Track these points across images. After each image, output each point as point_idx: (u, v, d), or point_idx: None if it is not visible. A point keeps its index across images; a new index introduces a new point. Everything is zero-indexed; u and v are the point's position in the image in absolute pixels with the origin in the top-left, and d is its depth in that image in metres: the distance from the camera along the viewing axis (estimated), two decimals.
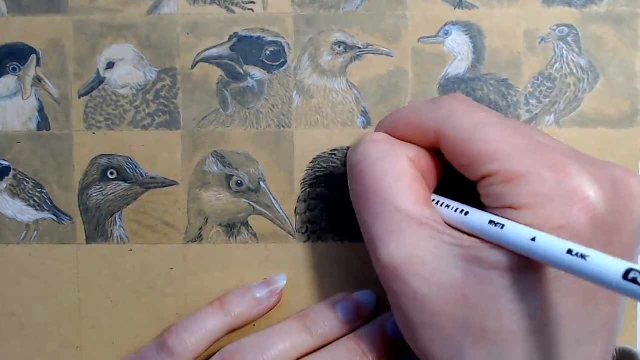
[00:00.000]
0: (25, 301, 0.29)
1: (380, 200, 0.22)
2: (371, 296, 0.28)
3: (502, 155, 0.21)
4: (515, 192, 0.20)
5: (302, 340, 0.26)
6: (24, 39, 0.28)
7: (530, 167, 0.20)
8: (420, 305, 0.21)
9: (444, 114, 0.22)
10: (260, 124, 0.28)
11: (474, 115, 0.22)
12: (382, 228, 0.22)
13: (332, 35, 0.28)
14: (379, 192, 0.22)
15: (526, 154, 0.21)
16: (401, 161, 0.23)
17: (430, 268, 0.21)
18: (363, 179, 0.23)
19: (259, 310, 0.27)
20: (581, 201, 0.20)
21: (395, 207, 0.22)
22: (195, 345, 0.26)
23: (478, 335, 0.20)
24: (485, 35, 0.28)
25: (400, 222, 0.22)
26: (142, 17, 0.28)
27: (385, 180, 0.22)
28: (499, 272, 0.20)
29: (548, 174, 0.20)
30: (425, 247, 0.21)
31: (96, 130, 0.28)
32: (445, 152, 0.23)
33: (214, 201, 0.28)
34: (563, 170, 0.20)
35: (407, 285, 0.21)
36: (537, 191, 0.20)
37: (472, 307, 0.20)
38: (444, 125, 0.22)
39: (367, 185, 0.23)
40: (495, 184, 0.21)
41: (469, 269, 0.20)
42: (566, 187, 0.20)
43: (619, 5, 0.27)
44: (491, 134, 0.21)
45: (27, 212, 0.29)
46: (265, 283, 0.28)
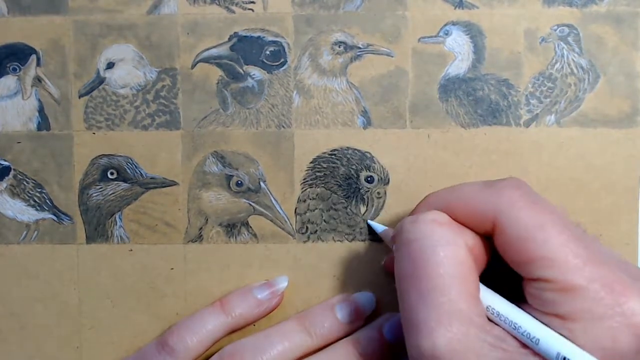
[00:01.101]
0: (25, 301, 0.29)
1: (434, 287, 0.21)
2: (370, 298, 0.28)
3: (561, 264, 0.20)
4: (568, 304, 0.20)
5: (301, 341, 0.26)
6: (24, 39, 0.28)
7: (588, 281, 0.20)
8: None
9: (505, 205, 0.22)
10: (260, 124, 0.28)
11: (537, 213, 0.21)
12: (430, 316, 0.21)
13: (332, 35, 0.28)
14: (435, 278, 0.21)
15: (586, 267, 0.20)
16: (462, 250, 0.22)
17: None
18: (419, 260, 0.22)
19: (259, 311, 0.27)
20: (634, 325, 0.19)
21: (449, 299, 0.21)
22: (195, 344, 0.26)
23: None
24: (485, 35, 0.28)
25: (450, 314, 0.21)
26: (142, 17, 0.28)
27: (444, 269, 0.21)
28: None
29: (605, 292, 0.20)
30: (469, 345, 0.21)
31: (96, 130, 0.28)
32: (499, 244, 0.22)
33: (214, 201, 0.28)
34: (621, 290, 0.20)
35: None
36: (591, 308, 0.20)
37: None
38: (503, 218, 0.22)
39: (423, 269, 0.22)
40: (548, 290, 0.20)
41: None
42: (621, 310, 0.20)
43: (619, 4, 0.27)
44: (553, 239, 0.21)
45: (27, 212, 0.29)
46: (267, 284, 0.28)
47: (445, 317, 0.21)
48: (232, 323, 0.27)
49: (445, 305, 0.21)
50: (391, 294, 0.28)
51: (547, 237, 0.21)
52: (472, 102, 0.28)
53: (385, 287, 0.28)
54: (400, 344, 0.27)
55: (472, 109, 0.28)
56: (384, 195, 0.28)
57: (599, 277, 0.20)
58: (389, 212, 0.28)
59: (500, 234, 0.22)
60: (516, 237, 0.21)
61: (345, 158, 0.28)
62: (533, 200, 0.22)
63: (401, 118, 0.28)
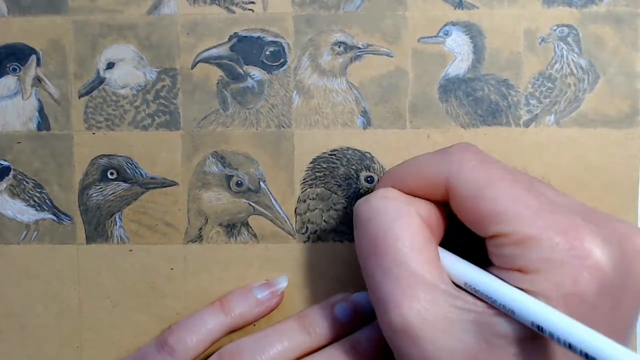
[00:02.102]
0: (25, 301, 0.29)
1: (393, 261, 0.22)
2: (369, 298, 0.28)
3: (513, 217, 0.20)
4: (525, 256, 0.20)
5: (300, 340, 0.26)
6: (24, 39, 0.28)
7: (541, 230, 0.20)
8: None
9: (455, 167, 0.22)
10: (260, 124, 0.28)
11: (486, 171, 0.22)
12: (395, 290, 0.21)
13: (332, 36, 0.28)
14: (393, 253, 0.22)
15: (538, 217, 0.20)
16: (415, 221, 0.22)
17: (442, 332, 0.21)
18: (375, 238, 0.22)
19: (259, 311, 0.27)
20: (591, 266, 0.20)
21: (410, 270, 0.21)
22: (195, 344, 0.26)
23: None
24: (485, 35, 0.28)
25: (414, 285, 0.21)
26: (142, 17, 0.28)
27: (400, 242, 0.22)
28: (508, 339, 0.20)
29: (559, 238, 0.20)
30: (438, 312, 0.21)
31: (96, 131, 0.28)
32: (455, 207, 0.22)
33: (214, 201, 0.28)
34: (574, 234, 0.20)
35: (418, 348, 0.21)
36: (548, 256, 0.20)
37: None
38: (454, 179, 0.22)
39: (380, 246, 0.22)
40: (505, 245, 0.21)
41: (480, 335, 0.20)
42: (577, 252, 0.20)
43: (619, 5, 0.27)
44: (503, 193, 0.21)
45: (27, 212, 0.29)
46: (267, 284, 0.28)
47: (410, 289, 0.21)
48: (231, 323, 0.27)
49: (408, 277, 0.21)
50: None
51: (497, 192, 0.21)
52: (472, 103, 0.28)
53: None
54: None
55: (471, 109, 0.28)
56: None
57: (552, 224, 0.20)
58: None
59: (453, 196, 0.22)
60: (467, 196, 0.21)
61: (345, 158, 0.28)
62: (482, 159, 0.22)
63: (401, 118, 0.28)
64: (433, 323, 0.21)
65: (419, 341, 0.21)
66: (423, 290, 0.21)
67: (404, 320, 0.21)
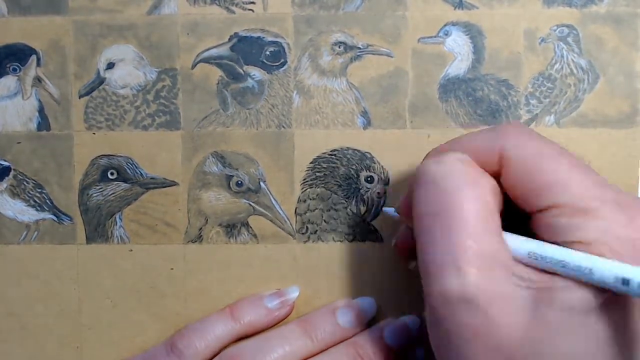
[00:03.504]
0: (25, 301, 0.29)
1: (458, 225, 0.21)
2: (372, 303, 0.28)
3: (573, 188, 0.20)
4: (586, 227, 0.20)
5: (302, 345, 0.26)
6: (24, 39, 0.28)
7: (601, 202, 0.20)
8: (484, 339, 0.20)
9: (511, 140, 0.22)
10: (260, 124, 0.28)
11: (541, 144, 0.21)
12: (456, 253, 0.21)
13: (332, 36, 0.28)
14: (461, 218, 0.21)
15: (597, 189, 0.20)
16: (486, 190, 0.22)
17: (498, 305, 0.20)
18: (444, 199, 0.21)
19: (269, 320, 0.27)
20: None
21: (475, 237, 0.21)
22: (204, 349, 0.26)
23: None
24: (485, 35, 0.28)
25: (475, 254, 0.21)
26: (142, 18, 0.28)
27: (472, 207, 0.21)
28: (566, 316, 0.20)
29: (619, 211, 0.20)
30: (497, 285, 0.20)
31: (96, 131, 0.28)
32: (507, 180, 0.22)
33: (214, 201, 0.28)
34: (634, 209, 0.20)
35: (473, 319, 0.20)
36: (609, 228, 0.20)
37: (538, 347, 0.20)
38: (509, 152, 0.22)
39: (448, 207, 0.21)
40: (561, 216, 0.20)
41: (538, 308, 0.20)
42: (636, 227, 0.20)
43: (619, 5, 0.27)
44: (561, 164, 0.21)
45: (28, 212, 0.29)
46: (277, 293, 0.28)
47: (471, 257, 0.20)
48: (240, 330, 0.27)
49: (473, 245, 0.21)
50: (392, 296, 0.28)
51: (554, 164, 0.21)
52: (472, 103, 0.28)
53: (385, 287, 0.28)
54: (401, 349, 0.27)
55: (471, 109, 0.28)
56: (383, 195, 0.28)
57: (611, 198, 0.20)
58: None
59: (507, 169, 0.22)
60: (524, 168, 0.21)
61: (345, 158, 0.28)
62: (535, 134, 0.22)
63: (401, 118, 0.28)
64: (490, 294, 0.20)
65: (473, 312, 0.20)
66: (484, 260, 0.21)
67: (463, 288, 0.20)
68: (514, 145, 0.22)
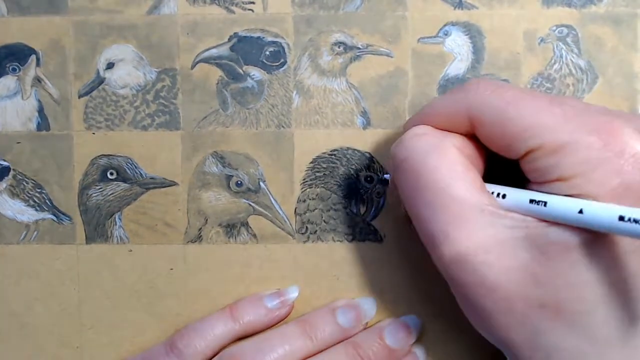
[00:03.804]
0: (25, 301, 0.29)
1: (435, 193, 0.22)
2: (372, 303, 0.28)
3: (541, 128, 0.20)
4: (562, 163, 0.20)
5: (302, 344, 0.26)
6: (24, 39, 0.28)
7: (572, 134, 0.20)
8: (491, 292, 0.21)
9: (474, 98, 0.22)
10: (260, 124, 0.28)
11: (504, 93, 0.22)
12: (442, 221, 0.21)
13: (332, 36, 0.28)
14: (433, 184, 0.22)
15: (566, 122, 0.20)
16: (450, 151, 0.22)
17: (495, 254, 0.21)
18: (414, 174, 0.22)
19: (269, 320, 0.27)
20: (631, 157, 0.20)
21: (453, 197, 0.21)
22: (203, 349, 0.26)
23: (554, 311, 0.20)
24: (484, 35, 0.28)
25: (459, 212, 0.21)
26: (142, 18, 0.28)
27: (439, 172, 0.22)
28: (564, 247, 0.20)
29: (592, 138, 0.20)
30: (488, 234, 0.21)
31: (96, 131, 0.28)
32: (482, 136, 0.22)
33: (213, 201, 0.28)
34: (607, 131, 0.20)
35: (476, 274, 0.21)
36: (584, 157, 0.20)
37: (543, 284, 0.20)
38: (476, 110, 0.22)
39: (420, 180, 0.22)
40: (539, 158, 0.20)
41: (535, 248, 0.20)
42: (613, 147, 0.20)
43: (618, 5, 0.27)
44: (526, 109, 0.21)
45: (27, 212, 0.29)
46: (277, 293, 0.28)
47: (457, 216, 0.21)
48: (240, 330, 0.27)
49: (453, 204, 0.21)
50: (392, 296, 0.28)
51: (520, 109, 0.21)
52: None
53: (385, 287, 0.28)
54: (401, 349, 0.27)
55: None
56: (383, 195, 0.28)
57: (582, 126, 0.20)
58: (389, 212, 0.28)
59: (478, 125, 0.22)
60: (491, 121, 0.21)
61: (345, 158, 0.28)
62: (498, 85, 0.22)
63: (401, 118, 0.28)
64: (485, 246, 0.21)
65: (475, 267, 0.21)
66: (469, 214, 0.21)
67: (456, 250, 0.21)
68: (479, 102, 0.22)
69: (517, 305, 0.21)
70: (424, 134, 0.23)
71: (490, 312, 0.21)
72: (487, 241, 0.21)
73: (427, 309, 0.28)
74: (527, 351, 0.21)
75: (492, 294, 0.21)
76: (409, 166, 0.23)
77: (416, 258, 0.28)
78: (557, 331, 0.20)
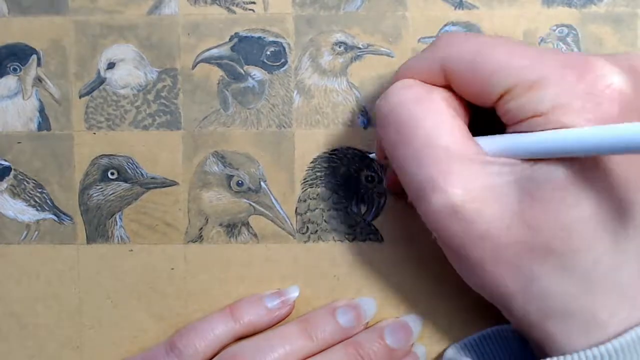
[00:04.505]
0: (25, 301, 0.29)
1: (423, 143, 0.21)
2: (372, 303, 0.28)
3: (514, 68, 0.20)
4: (537, 99, 0.20)
5: (302, 344, 0.26)
6: (25, 39, 0.28)
7: (546, 70, 0.20)
8: (481, 240, 0.21)
9: (445, 50, 0.22)
10: (260, 124, 0.28)
11: (474, 41, 0.22)
12: (429, 171, 0.21)
13: (333, 36, 0.28)
14: (422, 135, 0.21)
15: (539, 60, 0.20)
16: (437, 101, 0.22)
17: (484, 201, 0.20)
18: (401, 125, 0.22)
19: (269, 320, 0.27)
20: (606, 89, 0.19)
21: (442, 147, 0.21)
22: (203, 349, 0.26)
23: (544, 253, 0.20)
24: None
25: (447, 161, 0.21)
26: (143, 18, 0.28)
27: (427, 122, 0.21)
28: (551, 185, 0.20)
29: (569, 72, 0.20)
30: (476, 182, 0.21)
31: (97, 131, 0.28)
32: (458, 87, 0.22)
33: (214, 201, 0.28)
34: (584, 67, 0.20)
35: (465, 223, 0.21)
36: (558, 91, 0.20)
37: (533, 227, 0.20)
38: (448, 62, 0.22)
39: (407, 130, 0.22)
40: (514, 98, 0.20)
41: (524, 190, 0.20)
42: (588, 80, 0.20)
43: (618, 5, 0.27)
44: (496, 52, 0.21)
45: (28, 212, 0.29)
46: (278, 293, 0.28)
47: (444, 165, 0.21)
48: (240, 330, 0.27)
49: (440, 154, 0.21)
50: (392, 296, 0.28)
51: (491, 54, 0.21)
52: None
53: (386, 287, 0.28)
54: (401, 349, 0.27)
55: None
56: (384, 195, 0.28)
57: (558, 63, 0.20)
58: (390, 212, 0.28)
59: (452, 76, 0.22)
60: (464, 69, 0.21)
61: (346, 158, 0.28)
62: (467, 35, 0.23)
63: None
64: (474, 193, 0.20)
65: (465, 215, 0.21)
66: (457, 163, 0.21)
67: (444, 200, 0.21)
68: (451, 54, 0.22)
69: (507, 251, 0.20)
70: (411, 85, 0.23)
71: (481, 262, 0.21)
72: (475, 189, 0.21)
73: (427, 309, 0.28)
74: (520, 300, 0.21)
75: (482, 242, 0.21)
76: (395, 117, 0.22)
77: (416, 258, 0.28)
78: (549, 274, 0.20)
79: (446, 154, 0.21)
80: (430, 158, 0.21)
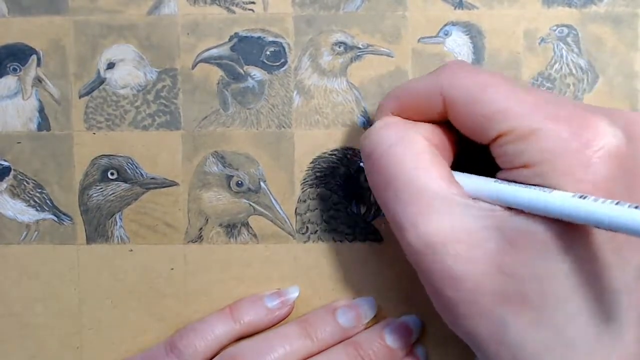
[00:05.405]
0: (25, 301, 0.29)
1: (402, 183, 0.21)
2: (372, 303, 0.28)
3: (512, 113, 0.20)
4: (530, 149, 0.20)
5: (302, 345, 0.26)
6: (25, 39, 0.28)
7: (542, 122, 0.20)
8: (457, 282, 0.21)
9: (447, 79, 0.22)
10: (260, 124, 0.28)
11: (479, 77, 0.21)
12: (409, 211, 0.21)
13: (332, 36, 0.28)
14: (400, 175, 0.22)
15: (537, 110, 0.20)
16: (417, 141, 0.22)
17: (463, 243, 0.20)
18: (381, 166, 0.22)
19: (269, 320, 0.27)
20: (600, 150, 0.19)
21: (419, 187, 0.21)
22: (203, 349, 0.26)
23: (519, 304, 0.20)
24: (485, 35, 0.28)
25: (426, 201, 0.21)
26: (142, 18, 0.28)
27: (405, 163, 0.22)
28: (531, 237, 0.20)
29: (562, 127, 0.20)
30: (455, 223, 0.21)
31: (96, 131, 0.28)
32: (454, 119, 0.22)
33: (214, 201, 0.28)
34: (578, 121, 0.20)
35: (443, 264, 0.21)
36: (552, 145, 0.19)
37: (509, 275, 0.20)
38: (449, 91, 0.22)
39: (387, 171, 0.22)
40: (508, 143, 0.20)
41: (502, 238, 0.20)
42: (583, 139, 0.19)
43: (618, 5, 0.27)
44: (499, 93, 0.21)
45: (28, 212, 0.29)
46: (277, 293, 0.28)
47: (423, 206, 0.21)
48: (240, 330, 0.27)
49: (420, 194, 0.21)
50: (392, 296, 0.28)
51: (493, 94, 0.21)
52: None
53: (386, 287, 0.28)
54: (401, 349, 0.27)
55: None
56: None
57: (553, 115, 0.20)
58: None
59: (450, 107, 0.22)
60: (466, 103, 0.21)
61: (346, 158, 0.28)
62: (473, 69, 0.22)
63: None
64: (452, 235, 0.20)
65: (442, 257, 0.21)
66: (437, 205, 0.21)
67: (423, 239, 0.21)
68: (452, 84, 0.22)
69: (482, 297, 0.20)
70: (391, 124, 0.23)
71: (457, 304, 0.21)
72: (454, 231, 0.21)
73: (427, 309, 0.28)
74: (493, 346, 0.21)
75: (458, 285, 0.21)
76: (376, 158, 0.22)
77: None
78: (523, 325, 0.20)
79: (425, 194, 0.21)
80: (410, 199, 0.21)
